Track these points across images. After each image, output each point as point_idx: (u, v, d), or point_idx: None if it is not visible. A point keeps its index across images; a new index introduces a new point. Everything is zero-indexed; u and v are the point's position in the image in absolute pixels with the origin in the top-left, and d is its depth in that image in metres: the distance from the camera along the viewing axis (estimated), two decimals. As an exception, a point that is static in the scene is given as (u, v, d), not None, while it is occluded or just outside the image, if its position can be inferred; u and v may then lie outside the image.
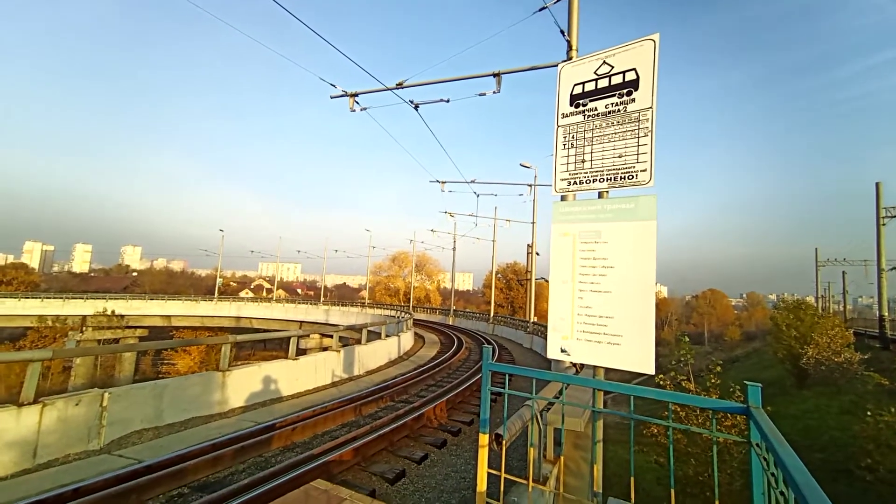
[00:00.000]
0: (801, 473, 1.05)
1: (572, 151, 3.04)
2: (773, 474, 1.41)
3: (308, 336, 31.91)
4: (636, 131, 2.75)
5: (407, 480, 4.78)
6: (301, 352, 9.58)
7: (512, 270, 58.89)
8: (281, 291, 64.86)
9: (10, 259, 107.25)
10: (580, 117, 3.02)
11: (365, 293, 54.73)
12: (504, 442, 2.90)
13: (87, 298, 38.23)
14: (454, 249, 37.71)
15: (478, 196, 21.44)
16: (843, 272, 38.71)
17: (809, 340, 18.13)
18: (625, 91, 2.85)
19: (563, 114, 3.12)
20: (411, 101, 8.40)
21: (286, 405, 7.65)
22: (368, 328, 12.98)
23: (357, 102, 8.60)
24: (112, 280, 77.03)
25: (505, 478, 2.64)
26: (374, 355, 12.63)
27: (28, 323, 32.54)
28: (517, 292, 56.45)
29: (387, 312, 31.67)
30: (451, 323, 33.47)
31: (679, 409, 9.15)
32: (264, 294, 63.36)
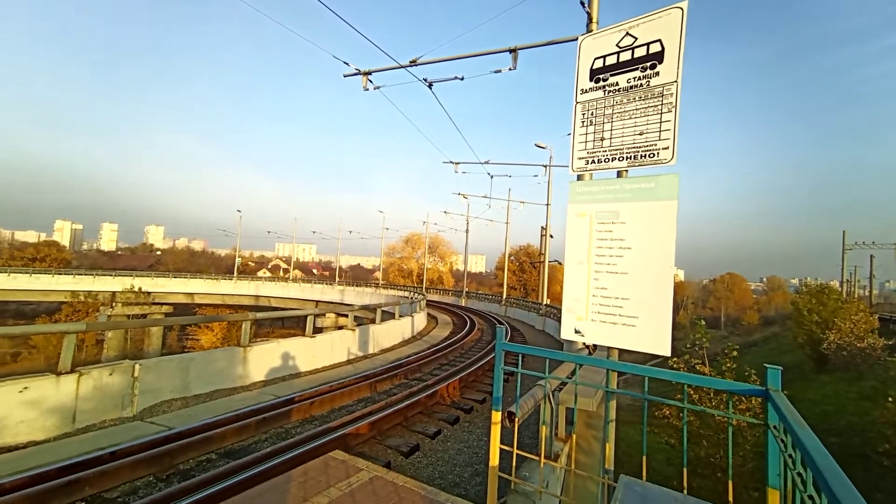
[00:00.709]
0: (822, 455, 1.04)
1: (591, 129, 2.95)
2: (790, 456, 1.40)
3: (324, 315, 32.69)
4: (659, 107, 2.64)
5: (421, 454, 4.95)
6: (317, 330, 9.84)
7: (525, 253, 58.52)
8: (297, 271, 66.23)
9: (43, 237, 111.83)
10: (600, 93, 2.91)
11: (378, 274, 55.41)
12: (516, 419, 2.95)
13: (115, 275, 39.99)
14: (467, 231, 37.61)
15: (491, 177, 21.18)
16: (871, 256, 37.22)
17: (832, 325, 17.68)
18: (648, 64, 2.72)
19: (582, 89, 3.02)
20: (425, 80, 8.22)
21: (304, 380, 7.93)
22: (382, 308, 13.20)
23: (370, 81, 8.47)
24: (138, 258, 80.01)
25: (517, 454, 2.70)
26: (389, 334, 12.88)
27: (62, 298, 34.23)
28: (530, 275, 56.22)
29: (400, 293, 32.09)
30: (463, 305, 33.74)
31: (692, 392, 9.10)
32: (281, 274, 64.82)
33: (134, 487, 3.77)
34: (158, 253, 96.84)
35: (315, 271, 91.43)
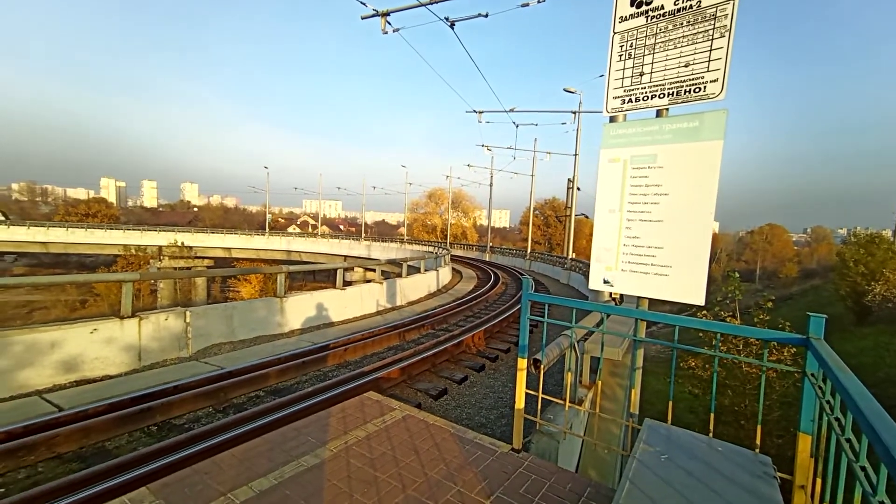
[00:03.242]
0: (866, 399, 1.01)
1: (629, 63, 2.68)
2: (828, 402, 1.38)
3: (352, 269, 33.85)
4: (709, 32, 2.34)
5: (448, 397, 5.25)
6: (347, 283, 10.25)
7: (550, 207, 57.11)
8: (325, 227, 68.01)
9: (91, 194, 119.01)
10: (642, 20, 2.61)
11: (403, 230, 56.03)
12: (542, 366, 3.03)
13: (159, 230, 42.70)
14: (491, 185, 36.77)
15: (517, 126, 20.19)
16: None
17: (879, 277, 16.68)
18: (701, -19, 2.38)
19: (621, 17, 2.71)
20: (446, 18, 7.64)
21: (337, 329, 8.41)
22: (408, 263, 13.47)
23: (389, 23, 7.96)
24: (178, 215, 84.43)
25: (542, 398, 2.80)
26: (415, 288, 13.26)
27: (115, 251, 37.39)
28: (555, 229, 55.25)
29: (425, 248, 32.50)
30: (487, 259, 33.90)
31: (720, 344, 9.04)
32: (310, 230, 66.80)
33: (196, 416, 4.28)
34: (195, 209, 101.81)
35: (341, 227, 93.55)
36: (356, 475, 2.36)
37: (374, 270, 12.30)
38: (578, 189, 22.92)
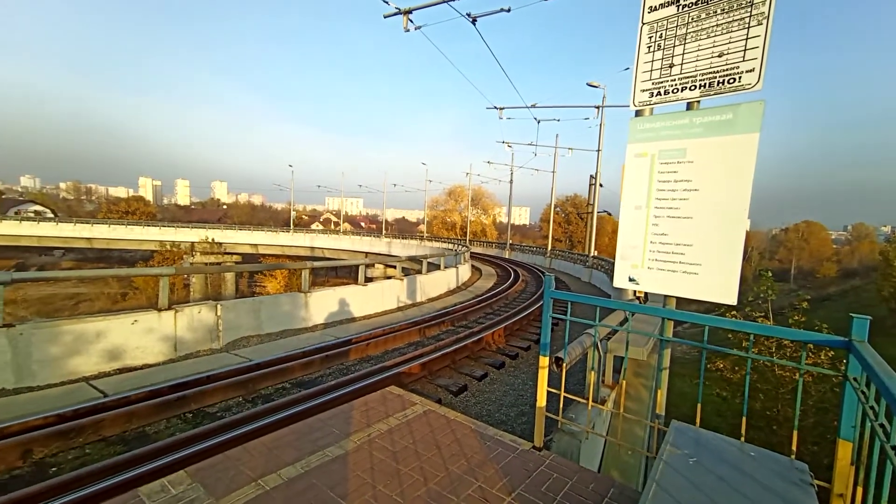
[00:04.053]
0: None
1: (658, 55, 2.60)
2: (871, 407, 1.31)
3: (373, 266, 34.31)
4: (745, 19, 2.25)
5: (469, 394, 5.27)
6: (368, 279, 10.41)
7: (572, 204, 56.00)
8: (346, 224, 69.19)
9: (130, 192, 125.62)
10: (673, 9, 2.52)
11: (423, 227, 56.30)
12: (564, 365, 3.00)
13: (191, 227, 44.74)
14: (511, 182, 36.42)
15: (538, 122, 19.89)
16: None
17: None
18: (737, -34, 2.28)
19: (650, 7, 2.62)
20: (468, 14, 7.59)
21: (359, 324, 8.56)
22: (428, 260, 13.55)
23: (411, 21, 7.99)
24: (208, 212, 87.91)
25: (564, 396, 2.78)
26: (435, 284, 13.32)
27: (152, 247, 39.57)
28: (576, 226, 54.16)
29: (444, 245, 32.56)
30: (507, 257, 33.65)
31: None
32: (332, 227, 68.14)
33: (228, 405, 4.47)
34: (224, 207, 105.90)
35: (363, 224, 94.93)
36: (379, 467, 2.42)
37: (394, 267, 12.43)
38: (601, 185, 22.40)
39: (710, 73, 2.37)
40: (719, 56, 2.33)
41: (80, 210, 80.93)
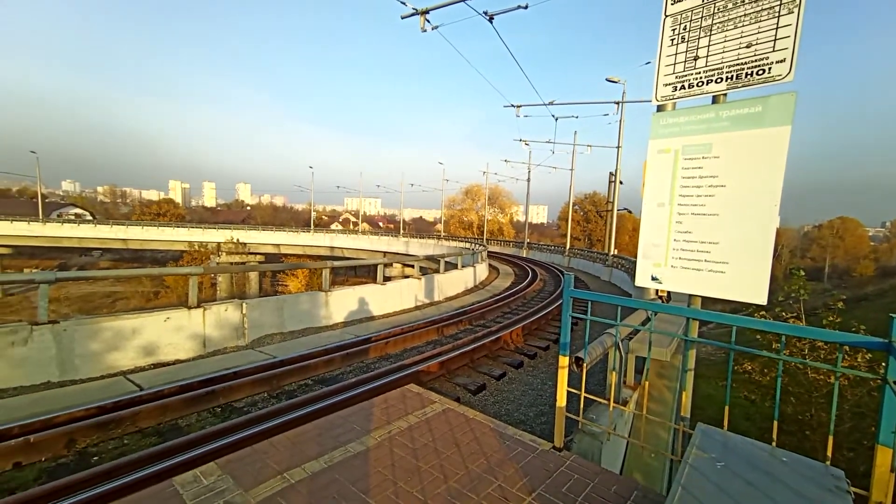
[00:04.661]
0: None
1: (682, 47, 2.53)
2: (915, 412, 1.24)
3: (391, 265, 34.64)
4: (775, 8, 2.16)
5: (487, 393, 5.27)
6: (387, 278, 10.52)
7: (591, 202, 54.95)
8: (365, 224, 70.10)
9: (161, 195, 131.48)
10: (697, 0, 2.45)
11: (440, 226, 56.44)
12: (584, 365, 2.97)
13: (218, 228, 46.50)
14: (528, 180, 36.00)
15: (556, 119, 19.60)
16: None
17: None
18: (766, -48, 2.19)
19: (674, -2, 2.55)
20: (485, 13, 7.57)
21: (378, 323, 8.67)
22: (445, 259, 13.57)
23: (428, 21, 8.02)
24: (233, 213, 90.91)
25: (585, 397, 2.75)
26: (452, 284, 13.35)
27: (181, 247, 41.31)
28: (595, 225, 53.12)
29: (461, 245, 32.56)
30: (524, 255, 33.35)
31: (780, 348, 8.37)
32: (351, 227, 69.18)
33: (254, 400, 4.62)
34: (248, 208, 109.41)
35: (381, 224, 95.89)
36: (399, 464, 2.45)
37: (412, 266, 12.53)
38: (621, 183, 21.89)
39: (738, 64, 2.29)
40: (747, 47, 2.25)
41: (116, 212, 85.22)
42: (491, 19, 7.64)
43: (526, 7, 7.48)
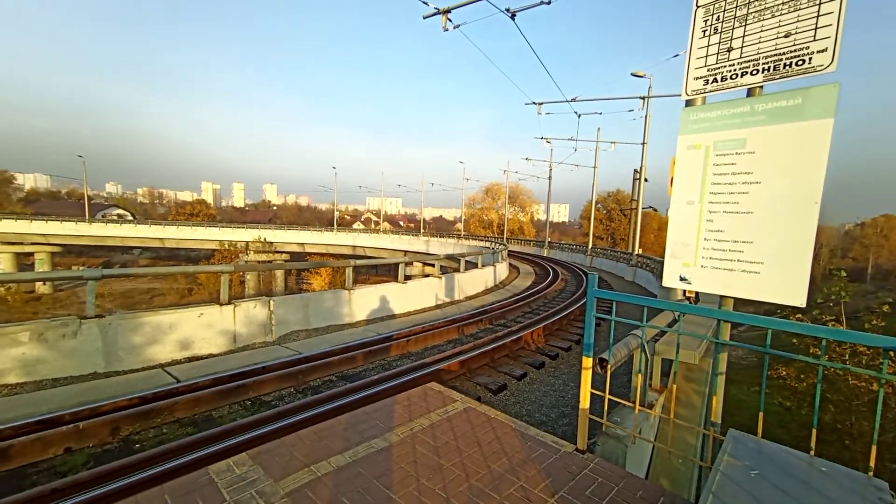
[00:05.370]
0: None
1: (715, 39, 2.44)
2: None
3: (412, 264, 34.91)
4: (817, -5, 2.04)
5: (508, 393, 5.24)
6: (407, 277, 10.62)
7: (614, 200, 53.57)
8: (386, 224, 70.98)
9: (194, 195, 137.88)
10: (732, -11, 2.35)
11: (460, 225, 56.41)
12: (609, 366, 2.91)
13: (246, 228, 48.31)
14: (550, 178, 35.46)
15: (579, 116, 19.20)
16: None
17: None
18: (806, -63, 2.08)
19: (705, -11, 2.46)
20: (507, 10, 7.50)
21: (398, 321, 8.77)
22: (466, 258, 13.57)
23: (450, 20, 8.03)
24: (260, 213, 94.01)
25: (609, 399, 2.70)
26: (472, 283, 13.33)
27: (213, 246, 43.19)
28: (619, 223, 51.77)
29: (481, 244, 32.44)
30: (545, 255, 32.90)
31: (819, 351, 7.97)
32: (372, 226, 70.21)
33: (281, 395, 4.78)
34: (274, 208, 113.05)
35: (402, 223, 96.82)
36: (422, 461, 2.48)
37: (432, 265, 12.59)
38: (646, 180, 21.24)
39: (776, 55, 2.19)
40: (786, 36, 2.15)
41: (154, 213, 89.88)
42: (513, 16, 7.57)
43: (549, 2, 7.37)
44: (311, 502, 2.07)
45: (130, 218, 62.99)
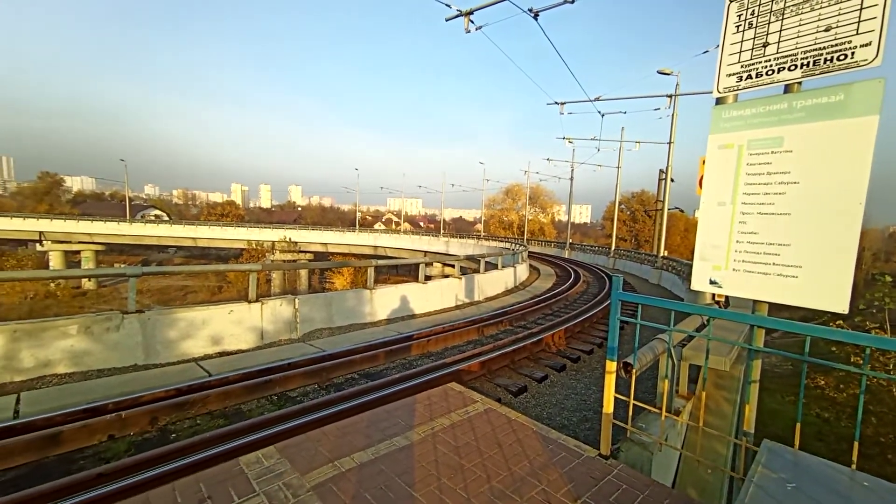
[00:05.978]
0: None
1: (749, 34, 2.36)
2: None
3: (432, 264, 35.08)
4: (861, -14, 1.94)
5: (528, 395, 5.20)
6: (427, 278, 10.69)
7: (638, 200, 52.09)
8: (406, 224, 71.61)
9: (224, 196, 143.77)
10: (767, -18, 2.26)
11: (480, 226, 56.30)
12: (633, 371, 2.85)
13: (273, 228, 49.94)
14: (571, 179, 34.88)
15: (602, 115, 18.80)
16: None
17: None
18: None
19: (739, -18, 2.38)
20: (530, 10, 7.44)
21: (419, 321, 8.84)
22: (486, 259, 13.52)
23: (472, 21, 8.04)
24: (285, 214, 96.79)
25: (634, 404, 2.64)
26: (492, 284, 13.28)
27: (241, 245, 44.94)
28: (643, 225, 50.29)
29: (501, 245, 32.23)
30: (566, 256, 32.36)
31: (861, 361, 7.53)
32: (393, 227, 70.98)
33: (306, 391, 4.91)
34: (299, 209, 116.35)
35: (421, 224, 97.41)
36: (443, 460, 2.50)
37: (452, 266, 12.61)
38: (672, 180, 20.56)
39: (815, 49, 2.09)
40: (826, 30, 2.06)
41: (188, 213, 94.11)
42: (536, 16, 7.50)
43: (573, 1, 7.27)
44: (336, 497, 2.13)
45: (166, 218, 66.16)
